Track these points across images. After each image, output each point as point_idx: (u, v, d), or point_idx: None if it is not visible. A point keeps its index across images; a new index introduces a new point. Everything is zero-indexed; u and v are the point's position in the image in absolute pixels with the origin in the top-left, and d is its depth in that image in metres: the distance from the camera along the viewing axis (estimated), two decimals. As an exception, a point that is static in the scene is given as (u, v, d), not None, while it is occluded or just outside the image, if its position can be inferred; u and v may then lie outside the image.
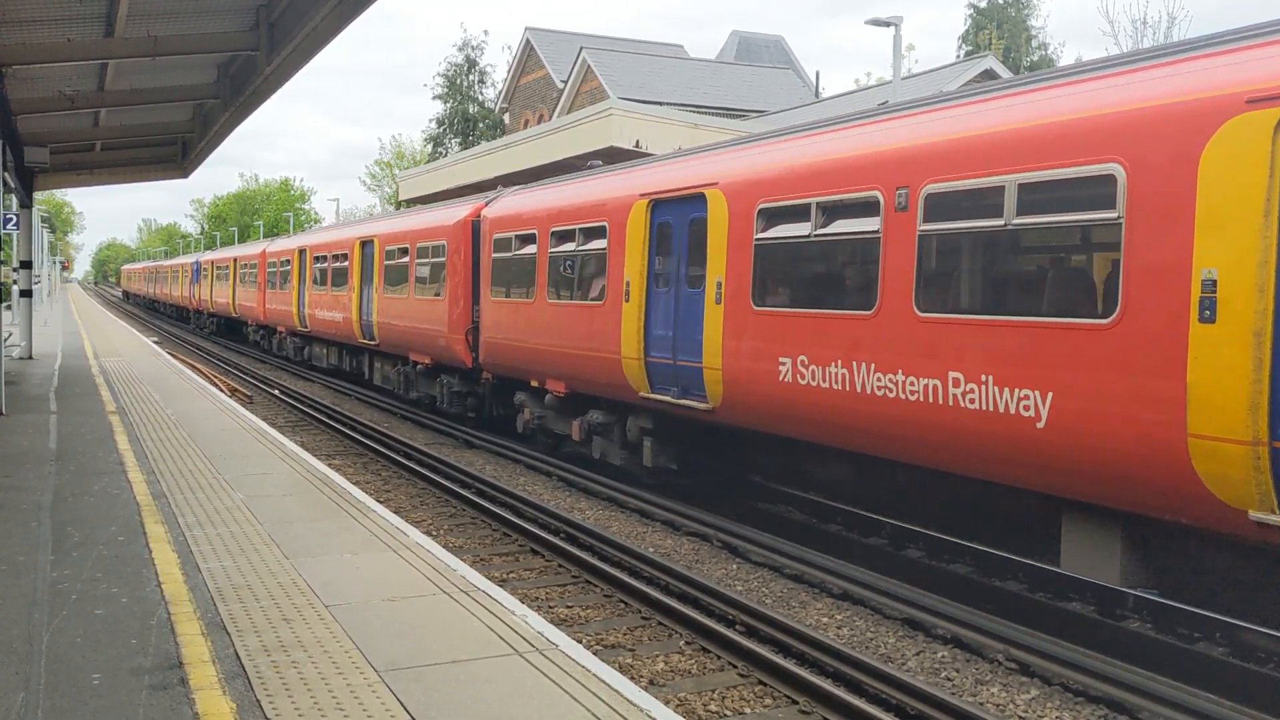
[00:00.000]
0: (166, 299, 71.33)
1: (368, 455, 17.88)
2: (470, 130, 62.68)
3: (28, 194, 26.56)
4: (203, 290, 52.40)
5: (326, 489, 11.10)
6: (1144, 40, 42.80)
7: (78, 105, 18.91)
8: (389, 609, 6.99)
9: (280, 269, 34.32)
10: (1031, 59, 52.26)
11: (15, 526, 9.03)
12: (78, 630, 6.43)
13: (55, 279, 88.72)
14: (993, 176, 8.60)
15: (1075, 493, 8.17)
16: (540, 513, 13.20)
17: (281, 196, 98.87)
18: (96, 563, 7.92)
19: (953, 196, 9.06)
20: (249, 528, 9.19)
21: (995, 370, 8.51)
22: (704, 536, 12.32)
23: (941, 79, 32.45)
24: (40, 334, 32.67)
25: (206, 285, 51.02)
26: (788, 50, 61.21)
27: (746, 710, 7.55)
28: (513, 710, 5.36)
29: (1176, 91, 7.41)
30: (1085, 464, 7.85)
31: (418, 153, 73.63)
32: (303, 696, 5.47)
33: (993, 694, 7.81)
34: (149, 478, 11.30)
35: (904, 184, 9.47)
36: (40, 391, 19.60)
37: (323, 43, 14.57)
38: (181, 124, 23.66)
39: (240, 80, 18.24)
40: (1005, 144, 8.54)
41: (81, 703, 5.35)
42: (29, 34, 14.72)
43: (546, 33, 54.89)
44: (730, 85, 49.33)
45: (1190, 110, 7.23)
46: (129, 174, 31.14)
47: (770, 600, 10.02)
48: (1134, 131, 7.56)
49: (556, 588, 10.50)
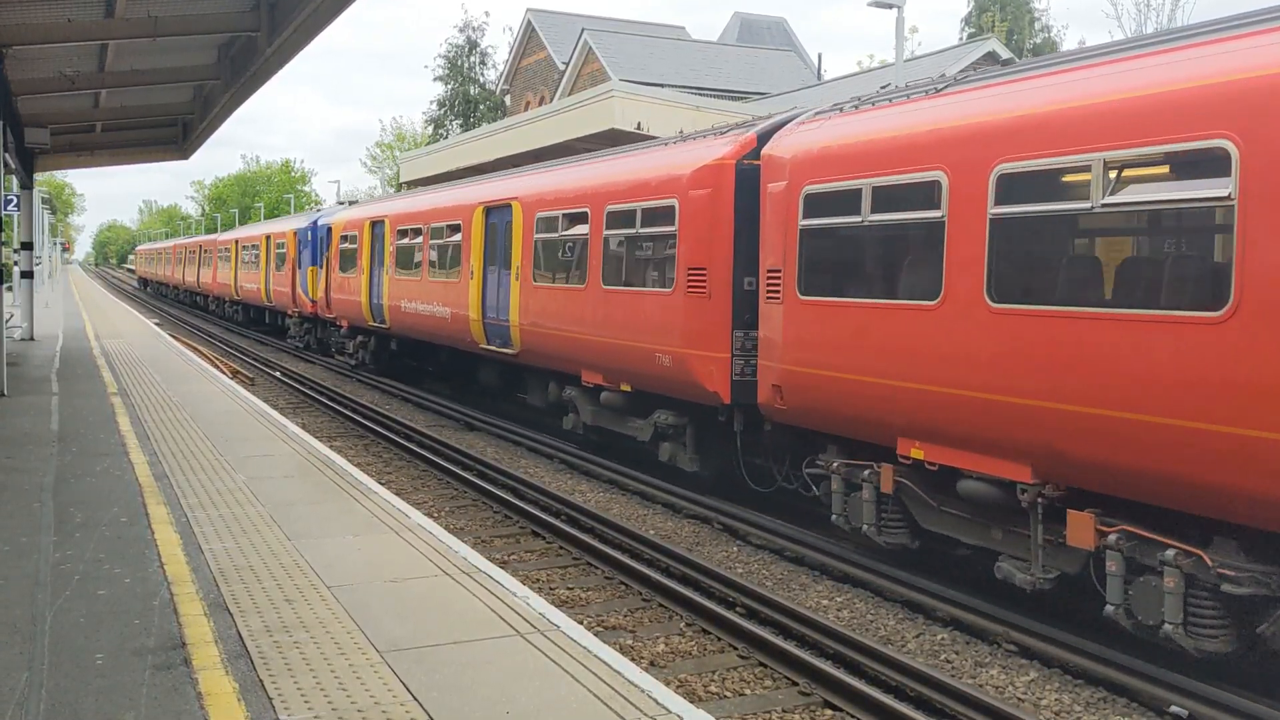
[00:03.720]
0: (218, 292, 49.04)
1: (369, 437, 17.90)
2: (471, 112, 62.49)
3: (28, 175, 26.51)
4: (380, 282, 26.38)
5: (328, 471, 11.12)
6: (1148, 24, 42.60)
7: (78, 86, 18.87)
8: (391, 590, 7.01)
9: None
10: (1034, 41, 52.01)
11: (18, 508, 9.05)
12: (81, 611, 6.45)
13: (56, 261, 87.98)
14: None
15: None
16: (541, 495, 13.23)
17: (282, 179, 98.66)
18: (99, 544, 7.95)
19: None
20: (251, 509, 9.21)
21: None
22: (705, 519, 12.35)
23: (944, 62, 32.31)
24: (41, 315, 32.65)
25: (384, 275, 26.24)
26: (790, 32, 60.92)
27: (747, 691, 7.59)
28: (514, 691, 5.39)
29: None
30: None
31: (419, 135, 73.42)
32: (305, 676, 5.49)
33: (992, 676, 7.84)
34: (151, 459, 11.32)
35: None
36: (42, 373, 19.61)
37: (323, 24, 14.51)
38: (182, 105, 23.61)
39: (241, 61, 18.18)
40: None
41: (85, 682, 5.38)
42: (29, 14, 14.67)
43: (548, 14, 54.62)
44: (732, 67, 49.10)
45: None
46: (129, 155, 31.09)
47: (771, 583, 10.04)
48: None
49: (558, 569, 10.53)
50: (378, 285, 24.47)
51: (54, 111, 22.17)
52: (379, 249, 24.69)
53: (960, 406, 8.59)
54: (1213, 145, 6.88)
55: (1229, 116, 6.80)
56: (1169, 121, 7.16)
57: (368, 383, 25.36)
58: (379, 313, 24.40)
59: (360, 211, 27.93)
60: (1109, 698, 7.45)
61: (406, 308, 22.40)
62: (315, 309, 30.26)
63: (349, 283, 26.57)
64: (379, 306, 24.33)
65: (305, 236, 31.57)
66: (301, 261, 31.62)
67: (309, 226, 31.39)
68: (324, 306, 29.14)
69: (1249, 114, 6.68)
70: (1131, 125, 7.42)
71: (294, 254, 32.57)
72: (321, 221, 30.50)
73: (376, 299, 24.48)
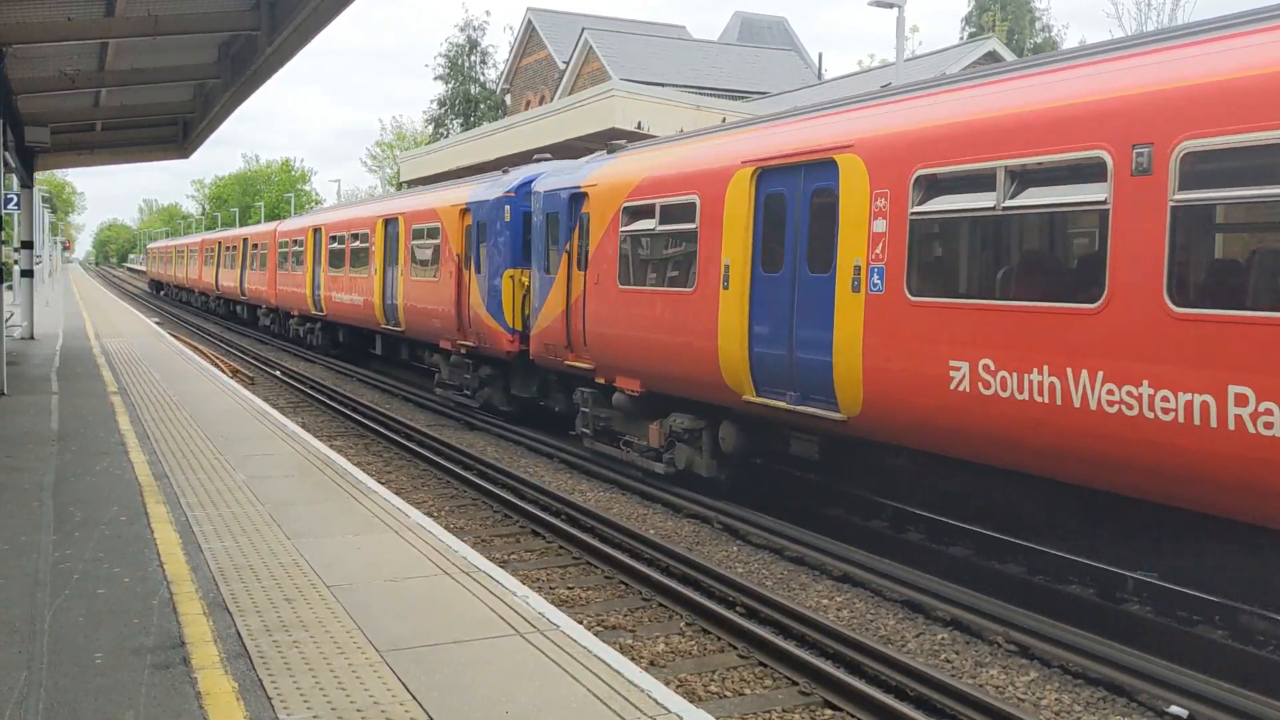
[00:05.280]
0: (283, 304, 34.88)
1: (369, 436, 17.90)
2: (472, 111, 62.56)
3: (28, 174, 26.52)
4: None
5: (328, 470, 11.11)
6: (1148, 23, 42.60)
7: (78, 85, 18.88)
8: (390, 589, 7.00)
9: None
10: (1035, 41, 52.03)
11: (18, 507, 9.04)
12: (80, 610, 6.45)
13: (56, 259, 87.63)
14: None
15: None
16: (541, 494, 13.22)
17: (283, 177, 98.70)
18: (99, 543, 7.94)
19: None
20: (251, 508, 9.21)
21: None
22: (704, 519, 12.34)
23: (945, 61, 32.32)
24: (42, 314, 32.65)
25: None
26: (790, 32, 60.95)
27: (746, 691, 7.58)
28: (513, 690, 5.38)
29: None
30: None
31: (419, 134, 73.47)
32: (304, 676, 5.49)
33: (992, 676, 7.84)
34: (151, 458, 11.31)
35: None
36: (42, 372, 19.60)
37: (323, 23, 14.52)
38: (182, 104, 23.61)
39: (241, 60, 18.18)
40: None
41: (84, 682, 5.37)
42: (29, 13, 14.67)
43: (548, 13, 54.65)
44: (733, 67, 49.13)
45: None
46: (130, 154, 31.10)
47: (771, 582, 10.04)
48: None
49: (557, 569, 10.53)
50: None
51: (54, 110, 22.17)
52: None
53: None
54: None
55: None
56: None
57: (379, 387, 25.33)
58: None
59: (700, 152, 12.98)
60: (1109, 698, 7.45)
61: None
62: (513, 345, 17.48)
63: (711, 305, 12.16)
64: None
65: (495, 214, 18.07)
66: (480, 259, 18.64)
67: (508, 195, 17.82)
68: (579, 343, 14.75)
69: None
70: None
71: (459, 247, 19.57)
72: (551, 186, 16.18)
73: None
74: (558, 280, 15.37)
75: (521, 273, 17.35)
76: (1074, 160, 7.93)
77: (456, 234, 19.69)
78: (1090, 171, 7.79)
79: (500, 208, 17.94)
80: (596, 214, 14.36)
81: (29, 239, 27.00)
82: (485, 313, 18.22)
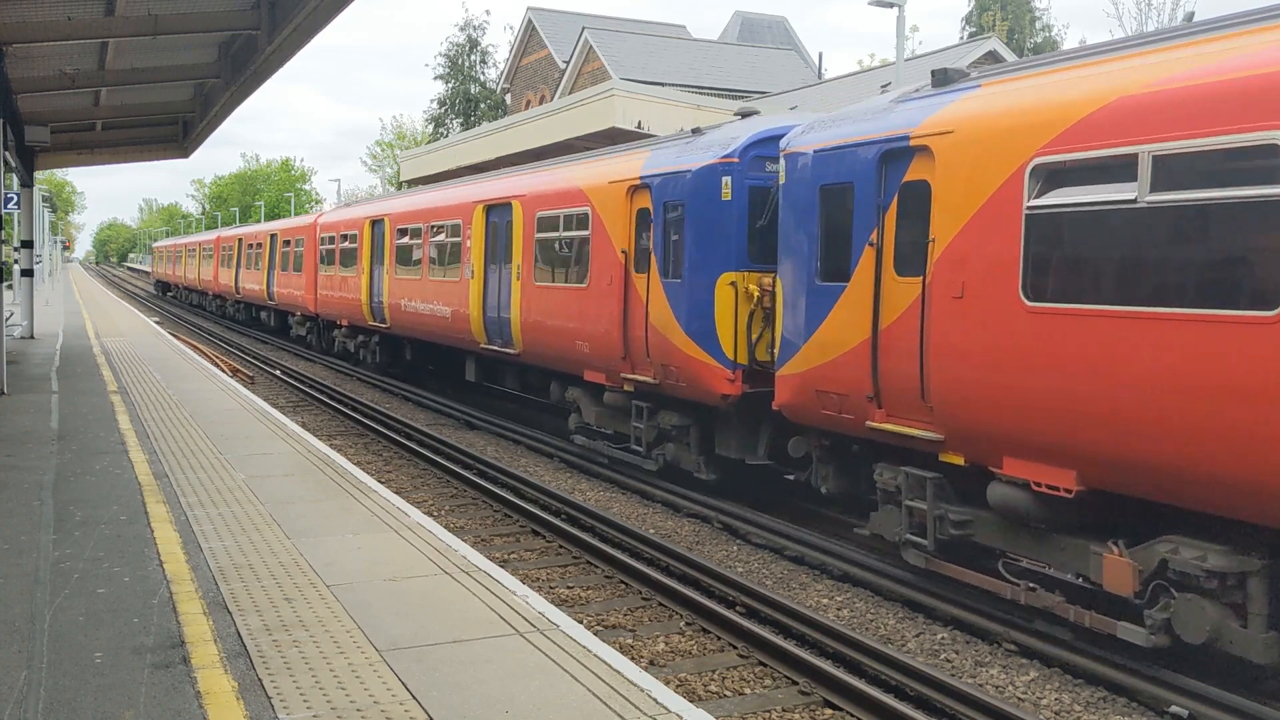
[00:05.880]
0: (336, 312, 28.27)
1: (369, 436, 17.90)
2: (472, 111, 62.60)
3: (28, 173, 26.53)
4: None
5: (328, 469, 11.11)
6: (1148, 23, 42.59)
7: (78, 84, 18.88)
8: (390, 589, 7.00)
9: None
10: (1035, 40, 52.04)
11: (17, 506, 9.04)
12: (80, 609, 6.45)
13: (56, 259, 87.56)
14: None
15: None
16: (541, 494, 13.22)
17: (283, 177, 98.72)
18: (99, 542, 7.94)
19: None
20: (251, 508, 9.21)
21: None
22: (705, 518, 12.34)
23: (945, 60, 32.29)
24: (42, 314, 32.67)
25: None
26: (791, 31, 60.94)
27: (746, 691, 7.58)
28: (513, 690, 5.38)
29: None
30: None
31: (419, 133, 73.49)
32: (304, 675, 5.49)
33: (992, 675, 7.84)
34: (151, 457, 11.31)
35: None
36: (42, 371, 19.60)
37: (323, 22, 14.51)
38: (182, 103, 23.60)
39: (241, 60, 18.18)
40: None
41: (84, 681, 5.37)
42: (29, 12, 14.67)
43: (548, 13, 54.67)
44: (733, 66, 49.14)
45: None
46: (130, 153, 31.06)
47: (771, 582, 10.04)
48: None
49: (557, 568, 10.53)
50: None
51: (54, 109, 22.17)
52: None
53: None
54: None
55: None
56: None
57: (380, 386, 25.31)
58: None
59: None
60: (1109, 698, 7.45)
61: None
62: (733, 387, 12.32)
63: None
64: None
65: (703, 190, 12.68)
66: (668, 258, 13.26)
67: (727, 161, 12.57)
68: (903, 396, 9.53)
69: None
70: None
71: (623, 241, 14.12)
72: (832, 139, 10.53)
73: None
74: (851, 291, 10.01)
75: (749, 278, 12.30)
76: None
77: (619, 221, 14.09)
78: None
79: (713, 180, 12.56)
80: (954, 180, 8.78)
81: (29, 238, 27.02)
82: (681, 336, 12.72)
